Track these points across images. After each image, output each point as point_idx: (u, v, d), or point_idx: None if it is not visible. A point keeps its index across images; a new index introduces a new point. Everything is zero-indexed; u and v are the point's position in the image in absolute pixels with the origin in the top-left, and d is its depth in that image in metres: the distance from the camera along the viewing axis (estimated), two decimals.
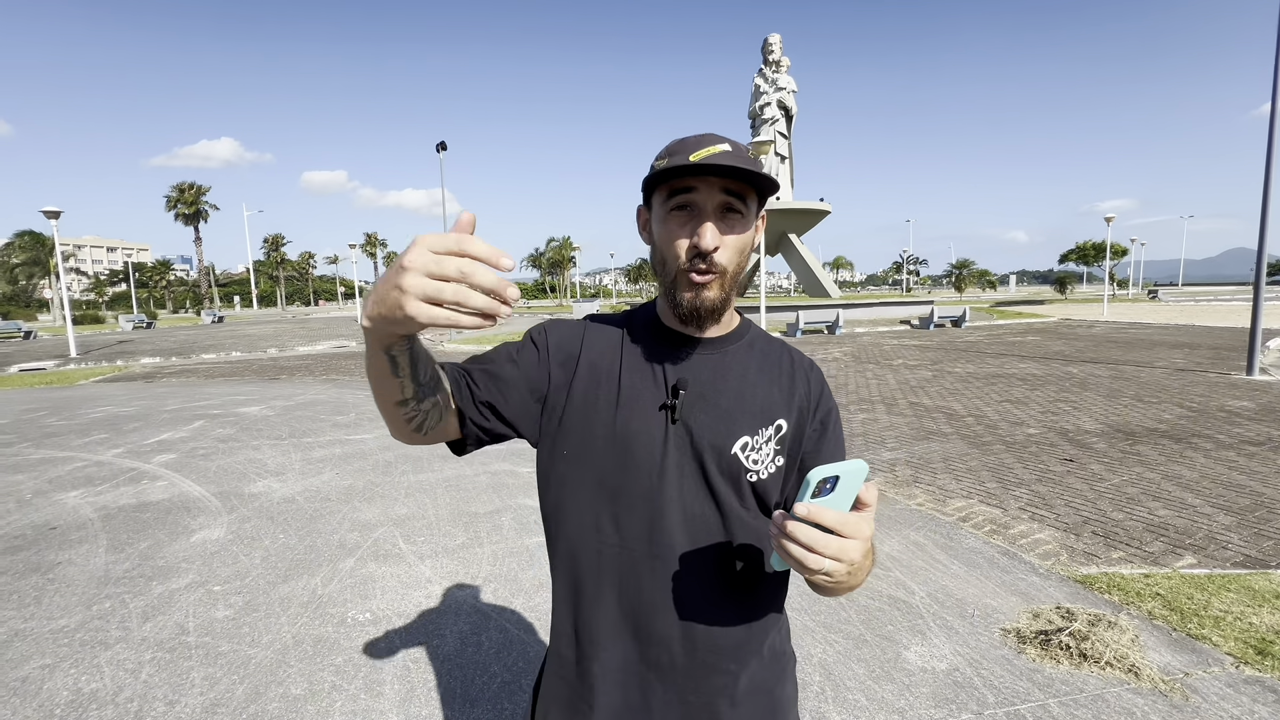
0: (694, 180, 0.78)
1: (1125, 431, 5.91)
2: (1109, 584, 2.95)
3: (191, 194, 58.23)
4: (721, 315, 0.85)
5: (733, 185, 0.78)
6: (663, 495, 0.83)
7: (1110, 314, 25.10)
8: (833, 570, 0.62)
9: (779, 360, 0.92)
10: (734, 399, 0.86)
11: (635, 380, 0.86)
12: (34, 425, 7.44)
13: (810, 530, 0.61)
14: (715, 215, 0.79)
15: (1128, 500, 4.08)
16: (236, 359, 15.56)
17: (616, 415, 0.84)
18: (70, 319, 17.88)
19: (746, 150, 0.81)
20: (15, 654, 2.56)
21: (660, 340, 0.89)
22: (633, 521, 0.84)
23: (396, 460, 5.43)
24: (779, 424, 0.86)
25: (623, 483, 0.84)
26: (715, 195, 0.78)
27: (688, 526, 0.83)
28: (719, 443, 0.83)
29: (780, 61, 29.41)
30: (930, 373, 10.19)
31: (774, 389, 0.88)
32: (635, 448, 0.83)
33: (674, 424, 0.84)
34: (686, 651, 0.84)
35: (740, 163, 0.76)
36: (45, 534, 3.90)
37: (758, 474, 0.84)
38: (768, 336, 0.95)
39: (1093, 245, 49.46)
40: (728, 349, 0.89)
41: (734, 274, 0.83)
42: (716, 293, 0.82)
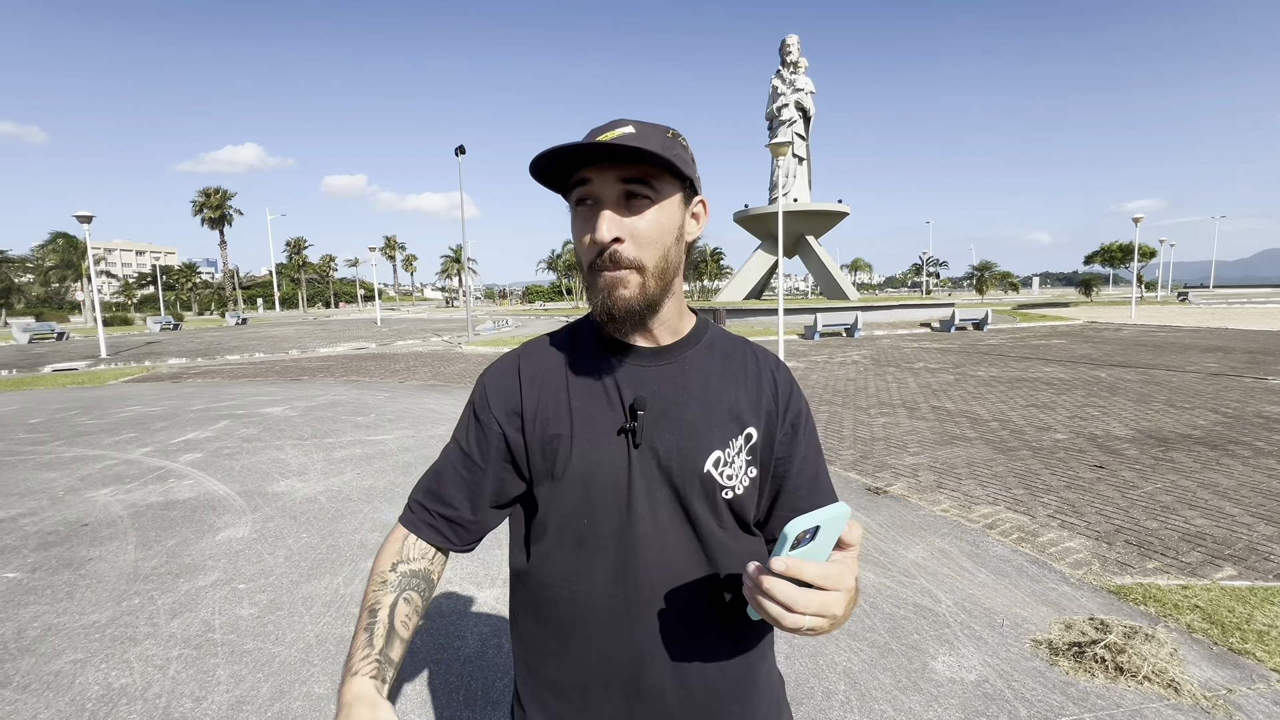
0: (589, 171, 0.71)
1: (1157, 437, 5.74)
2: (1145, 595, 2.86)
3: (217, 198, 59.58)
4: (647, 319, 0.76)
5: (630, 170, 0.70)
6: (634, 531, 0.74)
7: (1139, 316, 24.49)
8: (815, 626, 0.57)
9: (742, 361, 0.83)
10: (699, 411, 0.77)
11: (587, 405, 0.77)
12: (66, 424, 7.64)
13: (788, 587, 0.56)
14: (616, 205, 0.71)
15: (1162, 509, 3.95)
16: (260, 360, 15.85)
17: (573, 449, 0.75)
18: (101, 320, 18.37)
19: (664, 131, 0.73)
20: (49, 648, 2.62)
21: (608, 354, 0.79)
22: (604, 566, 0.75)
23: (416, 461, 5.47)
24: (749, 432, 0.78)
25: (589, 523, 0.75)
26: (611, 185, 0.70)
27: (665, 561, 0.75)
28: (689, 462, 0.75)
29: (798, 62, 29.24)
30: (952, 376, 10.02)
31: (740, 393, 0.80)
32: (598, 482, 0.75)
33: (636, 448, 0.75)
34: (682, 701, 0.76)
35: (638, 144, 0.66)
36: (77, 530, 3.99)
37: (733, 489, 0.77)
38: (727, 335, 0.87)
39: (1119, 246, 48.37)
40: (684, 355, 0.80)
41: (658, 270, 0.73)
42: (632, 292, 0.72)
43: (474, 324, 23.01)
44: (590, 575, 0.76)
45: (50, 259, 45.37)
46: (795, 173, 28.72)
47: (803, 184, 29.21)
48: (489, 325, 28.11)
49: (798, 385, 0.86)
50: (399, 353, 16.58)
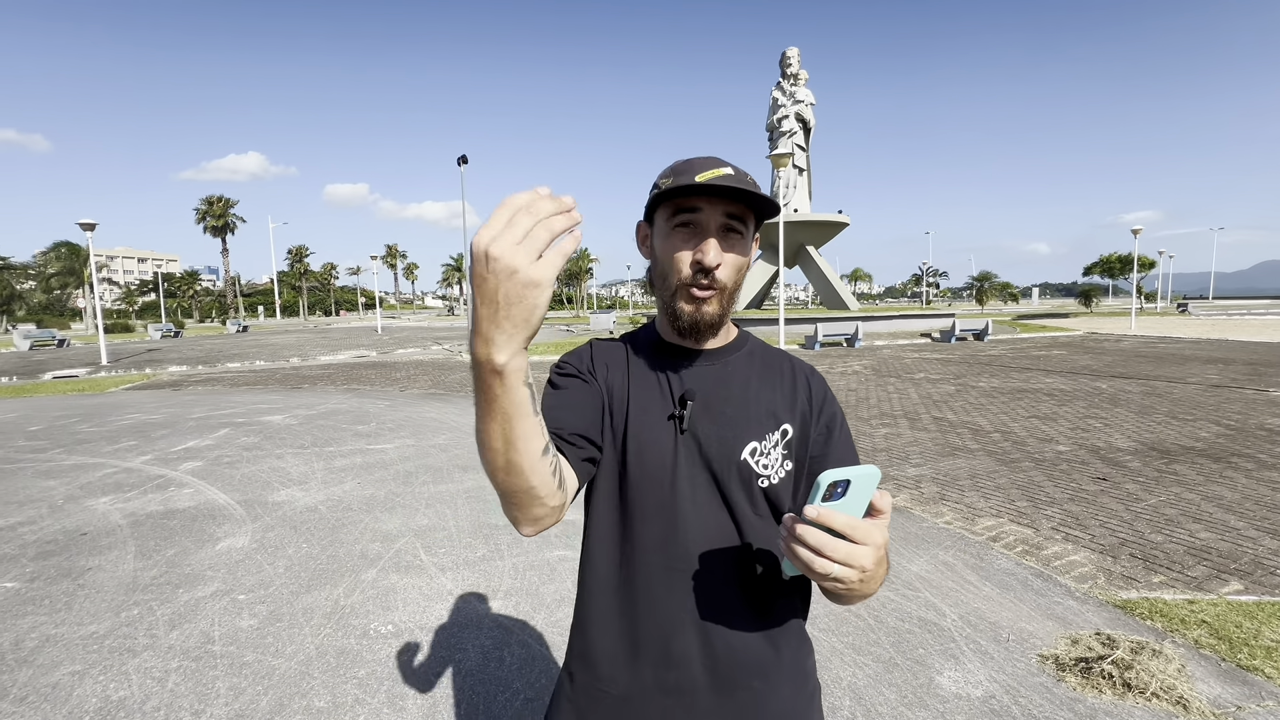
0: (699, 200, 0.81)
1: (1160, 450, 5.73)
2: (1151, 610, 2.84)
3: (220, 206, 59.82)
4: (719, 329, 0.88)
5: (734, 208, 0.82)
6: (676, 506, 0.84)
7: (1138, 328, 24.52)
8: (842, 575, 0.60)
9: (779, 367, 0.94)
10: (739, 406, 0.88)
11: (642, 394, 0.88)
12: (66, 431, 7.63)
13: (819, 533, 0.60)
14: (717, 234, 0.82)
15: (1166, 522, 3.94)
16: (260, 368, 15.84)
17: (627, 429, 0.86)
18: (102, 327, 18.38)
19: (747, 176, 0.84)
20: (47, 659, 2.60)
21: (663, 355, 0.91)
22: (648, 533, 0.84)
23: (417, 471, 5.45)
24: (784, 428, 0.88)
25: (637, 495, 0.85)
26: (718, 216, 0.82)
27: (703, 535, 0.84)
28: (728, 450, 0.85)
29: (798, 75, 29.48)
30: (953, 387, 10.01)
31: (776, 394, 0.90)
32: (647, 460, 0.85)
33: (682, 434, 0.85)
34: (708, 670, 0.83)
35: (745, 186, 0.79)
36: (76, 539, 3.97)
37: (768, 479, 0.86)
38: (766, 346, 0.98)
39: (1118, 257, 48.49)
40: (729, 359, 0.92)
41: (732, 291, 0.86)
42: (716, 308, 0.85)
43: None
44: (636, 537, 0.85)
45: (52, 266, 45.49)
46: (795, 183, 28.86)
47: (803, 195, 29.34)
48: None
49: (831, 391, 0.95)
50: (400, 361, 16.58)
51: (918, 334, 21.92)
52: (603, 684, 0.85)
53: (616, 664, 0.85)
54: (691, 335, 0.87)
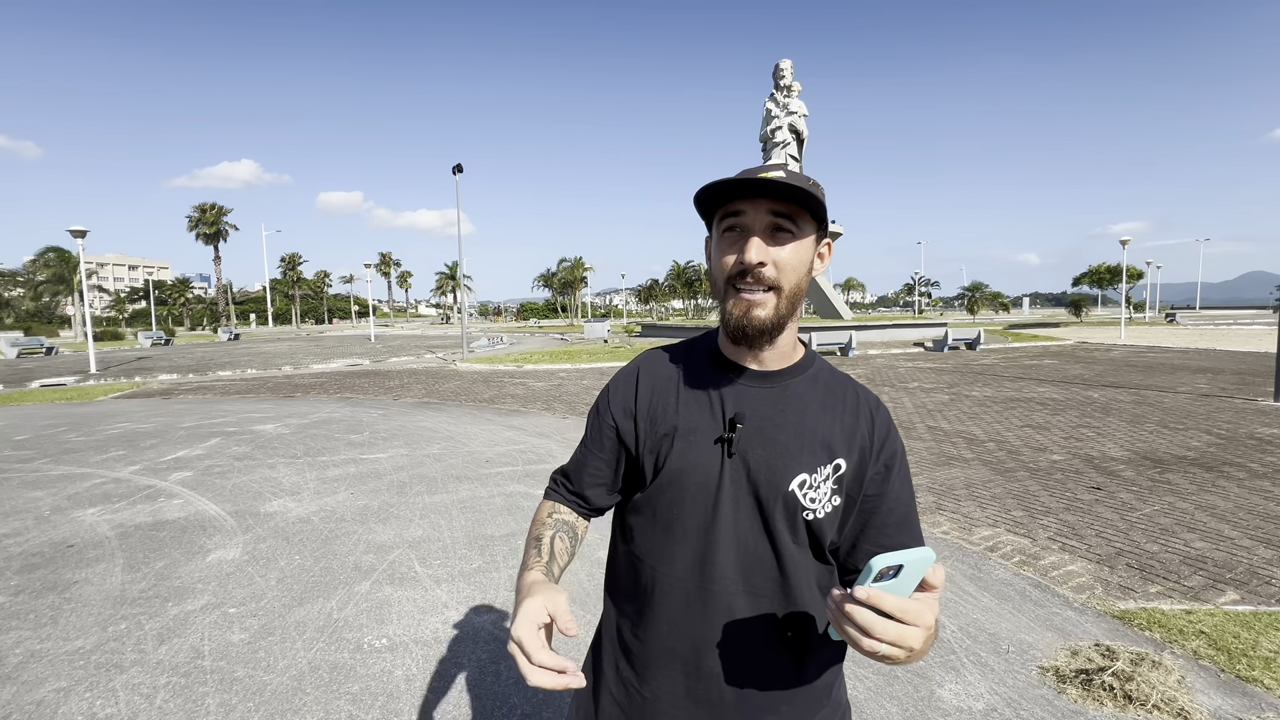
0: (743, 203, 0.80)
1: (1153, 459, 5.76)
2: (1149, 620, 2.84)
3: (213, 214, 59.54)
4: (774, 337, 0.84)
5: (780, 206, 0.79)
6: (716, 529, 0.83)
7: (1128, 337, 24.77)
8: (890, 654, 0.61)
9: (843, 396, 0.89)
10: (793, 434, 0.84)
11: (692, 413, 0.87)
12: (53, 441, 7.52)
13: (868, 614, 0.60)
14: (763, 234, 0.80)
15: (1161, 531, 3.95)
16: (252, 376, 15.71)
17: (674, 448, 0.85)
18: (91, 335, 18.18)
19: (806, 179, 0.80)
20: (31, 676, 2.53)
21: (719, 371, 0.88)
22: (686, 553, 0.84)
23: (411, 481, 5.40)
24: (838, 463, 0.84)
25: (678, 514, 0.85)
26: (763, 216, 0.79)
27: (740, 561, 0.83)
28: (776, 479, 0.82)
29: (791, 86, 29.79)
30: (947, 396, 10.06)
31: (835, 426, 0.86)
32: (691, 480, 0.84)
33: (730, 457, 0.83)
34: (735, 691, 0.83)
35: (788, 180, 0.76)
36: (63, 552, 3.90)
37: (814, 512, 0.83)
38: (833, 371, 0.92)
39: (1107, 268, 49.05)
40: (789, 382, 0.87)
41: (791, 294, 0.82)
42: (769, 312, 0.81)
43: (469, 341, 22.94)
44: (673, 558, 0.85)
45: (42, 273, 45.08)
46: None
47: None
48: (484, 342, 28.03)
49: (895, 428, 0.90)
50: (393, 370, 16.49)
51: (910, 343, 22.04)
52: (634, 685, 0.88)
53: (646, 670, 0.87)
54: (743, 341, 0.83)
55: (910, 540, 0.85)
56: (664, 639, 0.85)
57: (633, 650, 0.88)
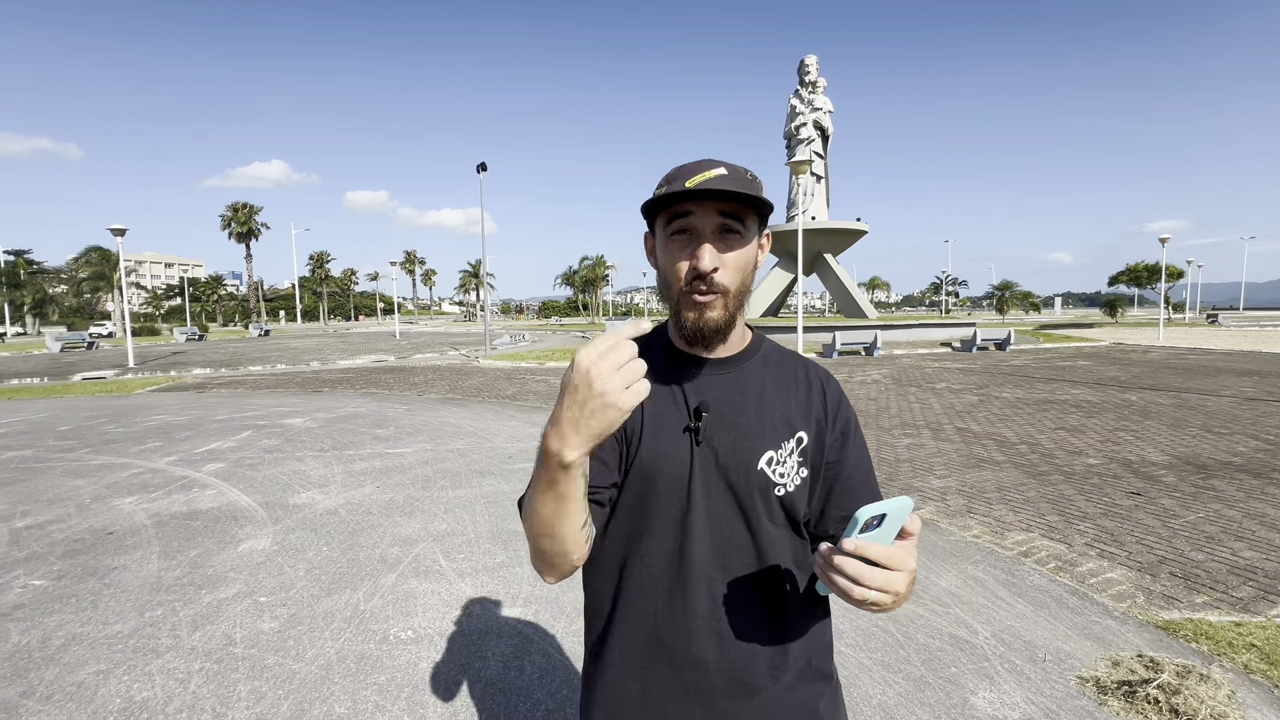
0: (691, 205, 0.80)
1: (1196, 464, 5.54)
2: (1196, 631, 2.72)
3: (245, 213, 61.10)
4: (727, 334, 0.86)
5: (729, 208, 0.80)
6: (691, 517, 0.84)
7: (1166, 338, 23.93)
8: (879, 600, 0.65)
9: (794, 373, 0.93)
10: (754, 415, 0.87)
11: (657, 407, 0.87)
12: (94, 432, 7.78)
13: (856, 564, 0.64)
14: (713, 237, 0.81)
15: (1207, 539, 3.79)
16: (281, 371, 16.07)
17: (643, 443, 0.86)
18: (130, 330, 18.81)
19: (745, 173, 0.82)
20: (72, 658, 2.61)
21: (676, 364, 0.90)
22: (663, 545, 0.85)
23: (435, 475, 5.45)
24: (800, 436, 0.87)
25: (653, 507, 0.86)
26: (712, 218, 0.80)
27: (716, 546, 0.84)
28: (744, 460, 0.85)
29: (817, 82, 29.41)
30: (976, 397, 9.82)
31: (792, 402, 0.89)
32: (663, 473, 0.85)
33: (699, 446, 0.85)
34: (723, 673, 0.84)
35: (735, 186, 0.78)
36: (103, 538, 4.02)
37: (784, 487, 0.85)
38: (781, 350, 0.96)
39: (1145, 267, 47.45)
40: (743, 366, 0.91)
41: (737, 293, 0.84)
42: (719, 313, 0.83)
43: (491, 338, 23.17)
44: (651, 552, 0.85)
45: (84, 270, 46.76)
46: (813, 191, 28.72)
47: (821, 202, 29.18)
48: (506, 340, 28.29)
49: (846, 397, 0.94)
50: (417, 366, 16.72)
51: (937, 343, 21.61)
52: (625, 681, 0.87)
53: (635, 664, 0.87)
54: (698, 343, 0.86)
55: (873, 499, 0.87)
56: (648, 632, 0.85)
57: (619, 646, 0.88)
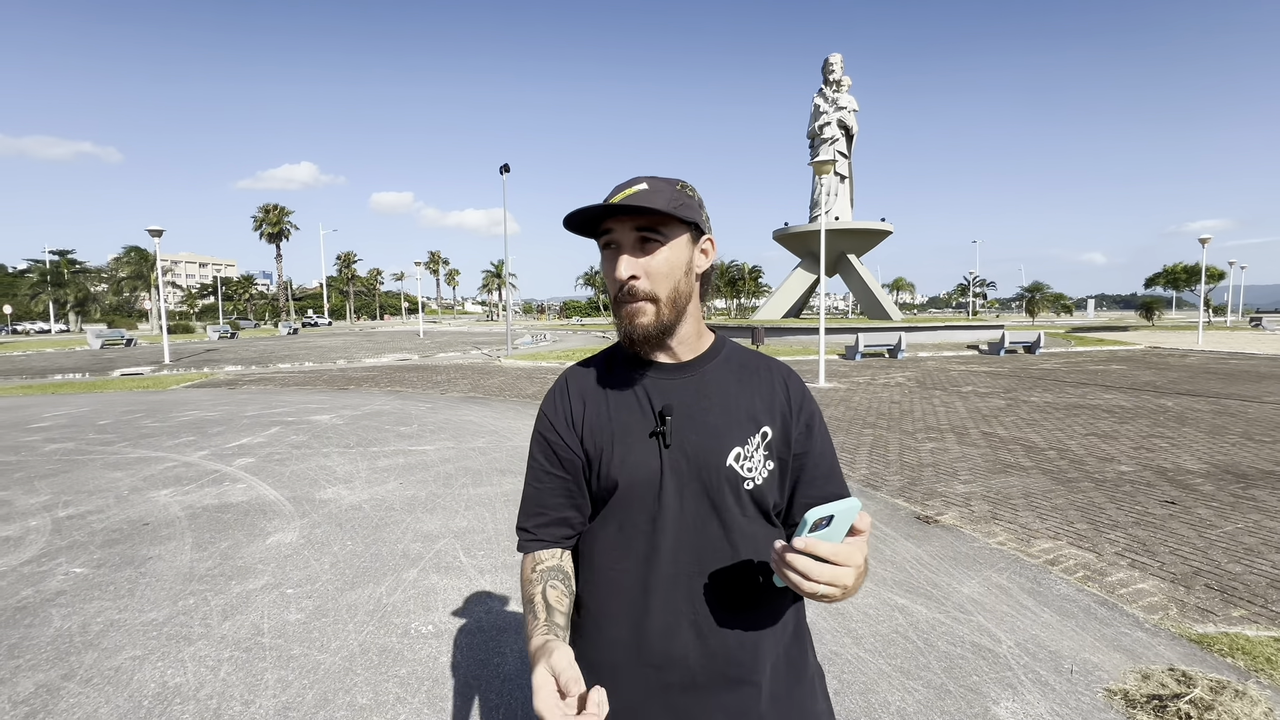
0: (611, 222, 0.86)
1: (1235, 473, 5.35)
2: (1231, 646, 2.63)
3: (276, 214, 62.62)
4: (664, 340, 0.89)
5: (642, 220, 0.84)
6: (663, 519, 0.86)
7: (1206, 343, 23.08)
8: (827, 594, 0.70)
9: (757, 370, 0.96)
10: (720, 413, 0.90)
11: (623, 415, 0.91)
12: (132, 426, 8.06)
13: (806, 560, 0.69)
14: (632, 248, 0.85)
15: (1245, 551, 3.66)
16: (309, 369, 16.45)
17: (614, 452, 0.89)
18: (166, 328, 19.43)
19: (671, 185, 0.86)
20: (111, 643, 2.72)
21: (639, 371, 0.93)
22: (638, 549, 0.88)
23: (457, 473, 5.53)
24: (765, 430, 0.90)
25: (626, 514, 0.88)
26: (628, 233, 0.85)
27: (691, 544, 0.87)
28: (713, 458, 0.87)
29: (841, 81, 29.07)
30: (1004, 401, 9.61)
31: (755, 398, 0.92)
32: (636, 479, 0.87)
33: (668, 448, 0.87)
34: (705, 668, 0.86)
35: (649, 201, 0.82)
36: (139, 529, 4.17)
37: (753, 480, 0.88)
38: (744, 350, 0.99)
39: (1183, 268, 45.85)
40: (705, 368, 0.93)
41: (671, 298, 0.87)
42: (649, 319, 0.86)
43: (513, 338, 23.40)
44: (627, 556, 0.88)
45: (123, 270, 48.46)
46: (837, 191, 28.40)
47: (844, 202, 28.84)
48: (527, 339, 28.53)
49: (809, 391, 0.98)
50: (440, 365, 16.96)
51: (964, 345, 21.19)
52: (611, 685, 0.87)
53: (620, 666, 0.88)
54: (639, 347, 0.89)
55: (837, 487, 0.93)
56: (630, 640, 0.87)
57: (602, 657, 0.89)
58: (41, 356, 22.04)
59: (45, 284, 50.40)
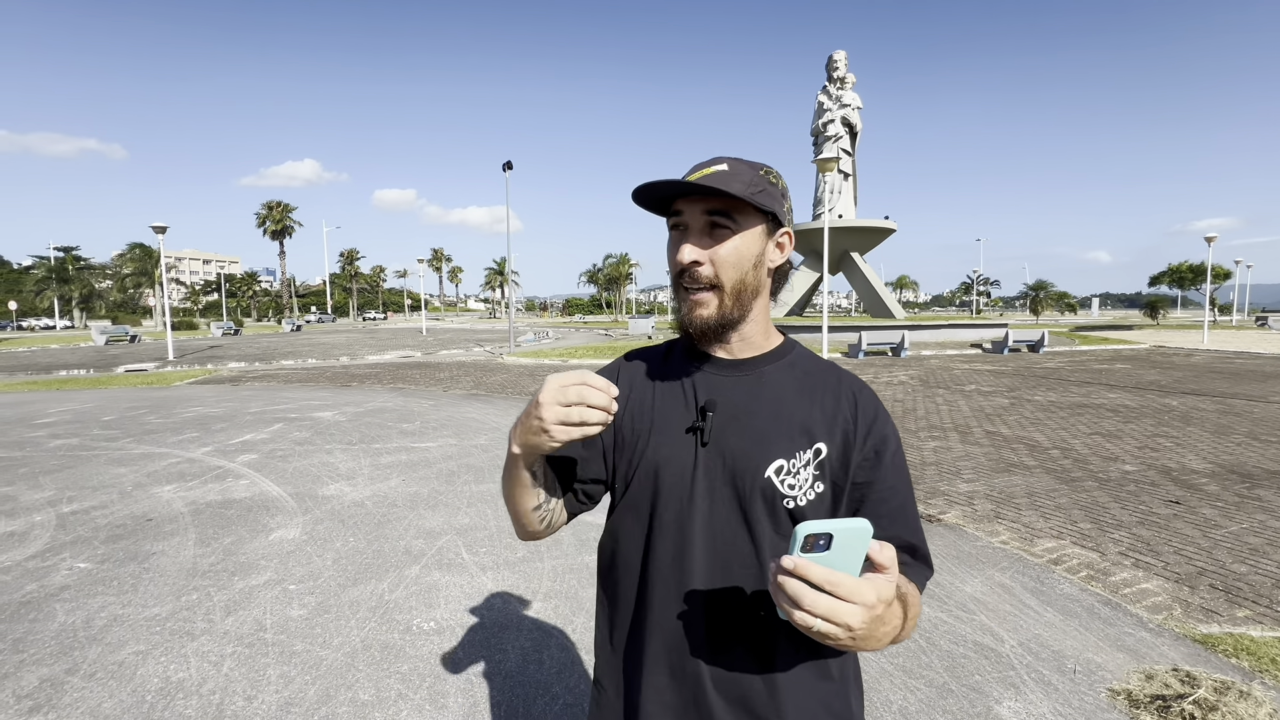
0: (681, 203, 0.81)
1: (1241, 473, 5.32)
2: (1236, 646, 2.62)
3: (279, 211, 62.74)
4: (726, 333, 0.84)
5: (714, 204, 0.79)
6: (692, 521, 0.80)
7: (1211, 342, 22.97)
8: (826, 631, 0.57)
9: (824, 380, 0.86)
10: (768, 420, 0.82)
11: (666, 405, 0.86)
12: (136, 422, 8.09)
13: (797, 584, 0.57)
14: (700, 233, 0.80)
15: (1250, 551, 3.64)
16: (312, 366, 16.48)
17: (649, 442, 0.84)
18: (170, 325, 19.49)
19: (754, 170, 0.80)
20: (114, 638, 2.73)
21: (693, 363, 0.88)
22: (664, 548, 0.82)
23: (459, 470, 5.54)
24: (819, 447, 0.80)
25: (656, 509, 0.83)
26: (698, 216, 0.80)
27: (716, 556, 0.80)
28: (751, 466, 0.80)
29: (845, 78, 28.97)
30: (1007, 400, 9.58)
31: (815, 410, 0.83)
32: (666, 472, 0.82)
33: (704, 447, 0.81)
34: (720, 692, 0.79)
35: (725, 184, 0.76)
36: (143, 525, 4.18)
37: (794, 499, 0.79)
38: (814, 357, 0.90)
39: (1189, 267, 45.64)
40: (764, 369, 0.86)
41: (735, 290, 0.81)
42: (711, 311, 0.81)
43: (515, 335, 23.41)
44: (653, 553, 0.83)
45: (128, 267, 48.60)
46: (840, 188, 28.32)
47: (848, 200, 28.76)
48: (530, 337, 28.54)
49: (885, 412, 0.85)
50: (443, 362, 16.98)
51: (967, 344, 21.13)
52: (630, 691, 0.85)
53: (633, 675, 0.84)
54: (698, 339, 0.84)
55: (907, 532, 0.80)
56: (648, 641, 0.82)
57: (621, 655, 0.87)
58: (46, 353, 22.14)
59: (51, 280, 50.62)
